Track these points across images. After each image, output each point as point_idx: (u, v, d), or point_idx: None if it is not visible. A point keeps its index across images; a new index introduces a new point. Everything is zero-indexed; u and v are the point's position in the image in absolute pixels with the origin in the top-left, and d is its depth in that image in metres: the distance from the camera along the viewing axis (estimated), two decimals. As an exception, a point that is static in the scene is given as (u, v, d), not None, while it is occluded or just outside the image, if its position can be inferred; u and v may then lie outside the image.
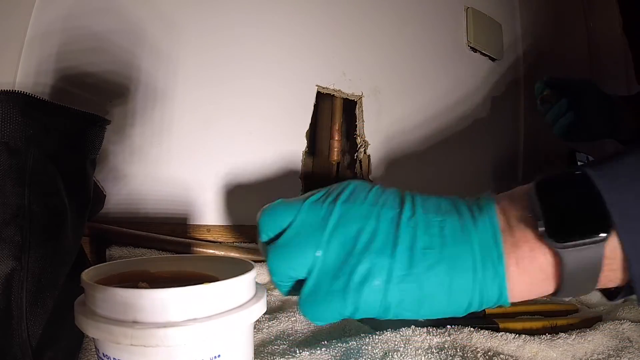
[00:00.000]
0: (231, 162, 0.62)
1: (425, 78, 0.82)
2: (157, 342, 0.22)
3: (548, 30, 1.05)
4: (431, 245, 0.26)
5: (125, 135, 0.55)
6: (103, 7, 0.53)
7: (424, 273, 0.25)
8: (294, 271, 0.27)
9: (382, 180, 0.76)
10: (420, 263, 0.25)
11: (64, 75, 0.50)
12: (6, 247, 0.31)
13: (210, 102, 0.60)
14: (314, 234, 0.27)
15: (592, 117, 0.72)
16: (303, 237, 0.27)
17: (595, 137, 0.74)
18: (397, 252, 0.26)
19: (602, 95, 0.73)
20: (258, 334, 0.41)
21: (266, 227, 0.29)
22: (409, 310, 0.26)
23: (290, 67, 0.67)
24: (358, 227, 0.26)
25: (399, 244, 0.26)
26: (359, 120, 0.74)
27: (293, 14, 0.68)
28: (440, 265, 0.25)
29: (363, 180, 0.34)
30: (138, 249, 0.52)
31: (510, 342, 0.40)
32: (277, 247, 0.27)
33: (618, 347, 0.41)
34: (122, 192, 0.54)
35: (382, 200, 0.28)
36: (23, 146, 0.34)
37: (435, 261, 0.25)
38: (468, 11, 0.88)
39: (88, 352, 0.36)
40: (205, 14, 0.60)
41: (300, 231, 0.27)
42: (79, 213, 0.39)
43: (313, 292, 0.27)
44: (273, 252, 0.27)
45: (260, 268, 0.58)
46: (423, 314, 0.26)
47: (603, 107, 0.73)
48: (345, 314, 0.26)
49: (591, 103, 0.72)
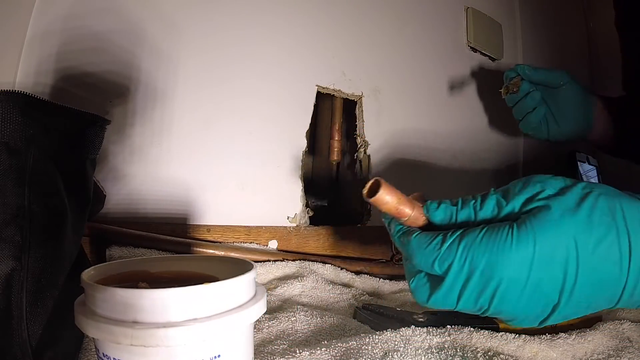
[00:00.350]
0: (231, 162, 0.62)
1: (425, 78, 0.82)
2: (157, 342, 0.22)
3: (548, 31, 1.05)
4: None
5: (125, 135, 0.55)
6: (103, 7, 0.53)
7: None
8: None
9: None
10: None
11: (64, 75, 0.50)
12: (6, 247, 0.31)
13: (210, 102, 0.60)
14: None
15: (566, 114, 0.66)
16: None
17: (565, 137, 0.69)
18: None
19: (581, 90, 0.68)
20: (258, 334, 0.41)
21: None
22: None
23: (290, 67, 0.67)
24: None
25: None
26: (359, 120, 0.74)
27: (293, 14, 0.68)
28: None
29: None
30: (138, 249, 0.52)
31: (510, 342, 0.40)
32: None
33: (618, 347, 0.41)
34: (122, 192, 0.54)
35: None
36: (23, 146, 0.34)
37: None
38: (468, 11, 0.88)
39: (88, 352, 0.36)
40: (205, 15, 0.60)
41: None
42: (79, 213, 0.39)
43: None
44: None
45: (261, 268, 0.58)
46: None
47: (579, 105, 0.67)
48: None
49: (567, 99, 0.66)
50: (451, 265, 0.32)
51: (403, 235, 0.36)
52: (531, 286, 0.31)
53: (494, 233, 0.31)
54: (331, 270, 0.62)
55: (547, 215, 0.31)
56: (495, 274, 0.31)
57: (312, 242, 0.68)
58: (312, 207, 0.72)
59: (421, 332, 0.41)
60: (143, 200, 0.56)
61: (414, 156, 0.80)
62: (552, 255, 0.30)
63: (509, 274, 0.31)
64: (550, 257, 0.31)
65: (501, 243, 0.31)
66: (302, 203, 0.68)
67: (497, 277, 0.31)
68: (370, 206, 0.74)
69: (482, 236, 0.31)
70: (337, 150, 0.75)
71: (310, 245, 0.67)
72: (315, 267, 0.61)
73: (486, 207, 0.34)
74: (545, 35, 1.04)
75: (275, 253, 0.63)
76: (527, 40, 0.99)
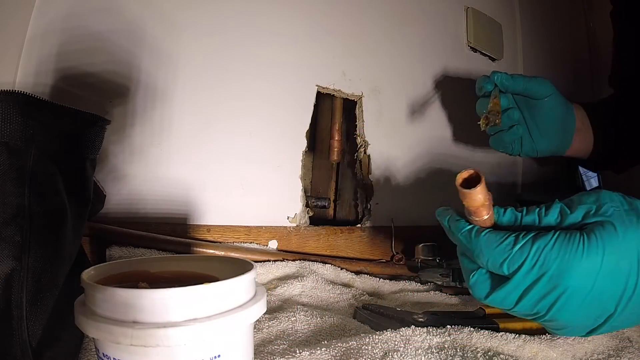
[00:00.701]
0: (231, 162, 0.62)
1: (425, 78, 0.82)
2: (157, 342, 0.22)
3: (548, 31, 1.05)
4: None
5: (125, 135, 0.55)
6: (103, 7, 0.53)
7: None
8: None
9: (382, 180, 0.76)
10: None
11: (64, 75, 0.50)
12: (6, 247, 0.31)
13: (210, 102, 0.60)
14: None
15: (546, 131, 0.59)
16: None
17: (539, 155, 0.63)
18: None
19: (564, 103, 0.60)
20: (258, 334, 0.41)
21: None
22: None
23: (290, 68, 0.67)
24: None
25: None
26: (359, 120, 0.74)
27: (293, 14, 0.68)
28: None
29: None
30: (138, 249, 0.52)
31: (510, 342, 0.40)
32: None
33: (618, 347, 0.41)
34: (122, 192, 0.54)
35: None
36: (23, 146, 0.34)
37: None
38: (468, 11, 0.88)
39: (88, 352, 0.36)
40: (205, 15, 0.60)
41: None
42: (79, 213, 0.39)
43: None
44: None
45: (261, 268, 0.58)
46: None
47: (562, 119, 0.60)
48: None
49: (549, 113, 0.58)
50: (521, 266, 0.32)
51: (470, 232, 0.36)
52: (593, 296, 0.32)
53: (565, 239, 0.32)
54: (331, 270, 0.62)
55: (614, 228, 0.32)
56: (563, 281, 0.31)
57: (312, 242, 0.68)
58: (312, 207, 0.72)
59: (421, 332, 0.41)
60: (143, 200, 0.56)
61: (414, 156, 0.80)
62: (617, 267, 0.31)
63: (575, 283, 0.31)
64: (615, 268, 0.31)
65: (573, 251, 0.31)
66: (302, 203, 0.68)
67: (563, 285, 0.32)
68: (371, 207, 0.74)
69: (554, 241, 0.32)
70: (337, 150, 0.75)
71: (310, 245, 0.67)
72: (315, 267, 0.61)
73: (550, 215, 0.35)
74: (545, 35, 1.04)
75: (275, 253, 0.63)
76: (527, 40, 0.99)
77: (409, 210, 0.78)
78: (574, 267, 0.31)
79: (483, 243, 0.34)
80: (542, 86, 0.58)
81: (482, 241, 0.34)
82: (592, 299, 0.32)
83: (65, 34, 0.51)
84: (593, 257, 0.31)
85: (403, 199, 0.78)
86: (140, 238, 0.53)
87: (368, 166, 0.74)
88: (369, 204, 0.74)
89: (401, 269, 0.71)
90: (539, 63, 1.02)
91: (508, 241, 0.33)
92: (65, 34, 0.51)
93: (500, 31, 0.94)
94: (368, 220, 0.74)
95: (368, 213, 0.74)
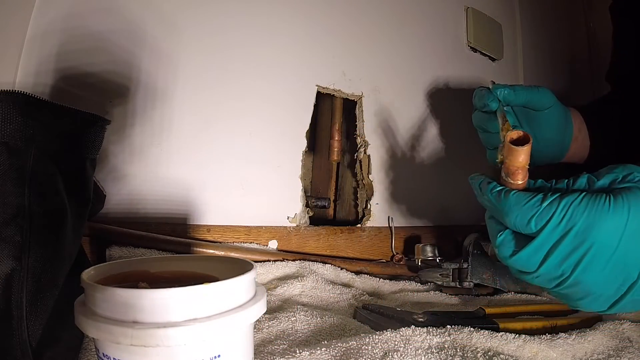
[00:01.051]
0: (231, 162, 0.62)
1: (425, 78, 0.82)
2: (157, 342, 0.22)
3: (548, 31, 1.05)
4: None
5: (125, 135, 0.55)
6: (103, 7, 0.53)
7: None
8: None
9: (382, 180, 0.76)
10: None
11: (64, 75, 0.50)
12: (6, 247, 0.31)
13: (210, 101, 0.60)
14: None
15: (545, 142, 0.57)
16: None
17: (536, 164, 0.57)
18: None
19: (563, 112, 0.58)
20: (258, 334, 0.41)
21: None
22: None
23: (290, 67, 0.67)
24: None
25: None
26: (359, 120, 0.74)
27: (293, 14, 0.68)
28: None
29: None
30: (138, 249, 0.52)
31: (510, 342, 0.40)
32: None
33: (618, 347, 0.41)
34: (122, 192, 0.54)
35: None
36: (23, 146, 0.34)
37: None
38: (468, 11, 0.88)
39: (88, 352, 0.36)
40: (205, 15, 0.60)
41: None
42: (79, 213, 0.39)
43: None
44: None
45: (261, 268, 0.58)
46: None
47: (562, 129, 0.58)
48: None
49: (549, 124, 0.56)
50: (548, 221, 0.33)
51: (500, 192, 0.37)
52: (618, 256, 0.32)
53: (592, 198, 0.33)
54: (331, 270, 0.62)
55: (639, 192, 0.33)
56: (590, 236, 0.32)
57: (312, 242, 0.68)
58: (312, 207, 0.72)
59: (421, 332, 0.41)
60: (143, 200, 0.56)
61: (414, 156, 0.80)
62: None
63: (601, 238, 0.32)
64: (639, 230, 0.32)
65: (599, 206, 0.32)
66: (302, 203, 0.68)
67: (590, 240, 0.32)
68: (371, 206, 0.74)
69: (581, 198, 0.33)
70: (337, 150, 0.75)
71: (310, 245, 0.67)
72: (315, 267, 0.61)
73: (579, 183, 0.36)
74: (545, 35, 1.04)
75: (275, 253, 0.63)
76: (527, 40, 0.99)
77: (409, 210, 0.78)
78: (601, 223, 0.32)
79: (512, 201, 0.35)
80: (543, 98, 0.56)
81: (512, 199, 0.35)
82: (617, 259, 0.33)
83: (65, 34, 0.51)
84: (619, 215, 0.32)
85: (403, 199, 0.78)
86: (140, 238, 0.53)
87: (368, 166, 0.74)
88: (369, 204, 0.74)
89: (401, 269, 0.71)
90: (539, 63, 1.02)
91: (537, 198, 0.34)
92: (65, 34, 0.51)
93: (500, 31, 0.94)
94: (368, 220, 0.74)
95: (368, 213, 0.74)
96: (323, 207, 0.77)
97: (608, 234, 0.32)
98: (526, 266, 0.36)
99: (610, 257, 0.33)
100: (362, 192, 0.76)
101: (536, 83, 1.01)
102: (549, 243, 0.34)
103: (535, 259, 0.35)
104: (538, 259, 0.35)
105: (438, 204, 0.82)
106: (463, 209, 0.84)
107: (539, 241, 0.34)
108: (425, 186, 0.80)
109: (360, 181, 0.76)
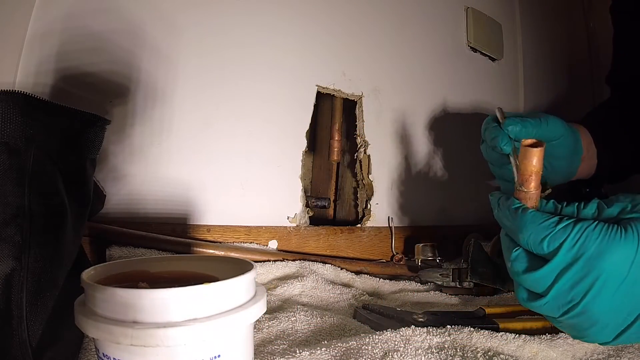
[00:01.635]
0: (231, 162, 0.62)
1: (425, 78, 0.82)
2: (157, 342, 0.22)
3: (548, 31, 1.05)
4: None
5: (125, 135, 0.55)
6: (103, 7, 0.53)
7: None
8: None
9: (382, 180, 0.76)
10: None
11: (64, 75, 0.50)
12: (6, 247, 0.31)
13: (210, 102, 0.60)
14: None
15: (554, 169, 0.56)
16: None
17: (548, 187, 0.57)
18: None
19: (572, 138, 0.56)
20: (258, 334, 0.41)
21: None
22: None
23: (290, 68, 0.67)
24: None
25: None
26: (359, 120, 0.74)
27: (293, 14, 0.68)
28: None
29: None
30: (138, 249, 0.52)
31: (510, 342, 0.40)
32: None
33: (618, 347, 0.41)
34: (122, 192, 0.54)
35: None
36: (23, 146, 0.34)
37: None
38: (468, 11, 0.88)
39: (88, 352, 0.36)
40: (205, 15, 0.60)
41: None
42: (79, 213, 0.39)
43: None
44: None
45: (261, 268, 0.58)
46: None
47: (571, 156, 0.57)
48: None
49: (558, 153, 0.55)
50: (561, 245, 0.34)
51: (517, 209, 0.38)
52: (627, 285, 0.33)
53: (605, 226, 0.34)
54: (331, 270, 0.62)
55: None
56: (600, 264, 0.33)
57: (312, 242, 0.68)
58: (312, 207, 0.72)
59: (421, 332, 0.41)
60: (143, 200, 0.56)
61: (414, 156, 0.80)
62: None
63: (611, 267, 0.33)
64: None
65: (612, 235, 0.33)
66: (302, 203, 0.68)
67: (600, 268, 0.33)
68: (371, 206, 0.74)
69: (595, 225, 0.34)
70: (337, 150, 0.75)
71: (310, 245, 0.67)
72: (315, 267, 0.61)
73: (589, 208, 0.37)
74: (545, 35, 1.04)
75: (275, 253, 0.63)
76: (527, 40, 0.99)
77: (408, 210, 0.78)
78: (612, 252, 0.33)
79: (529, 218, 0.36)
80: (553, 131, 0.53)
81: (528, 217, 0.36)
82: (625, 288, 0.33)
83: (65, 34, 0.51)
84: (630, 244, 0.33)
85: (403, 199, 0.78)
86: (140, 238, 0.53)
87: (368, 166, 0.74)
88: (369, 204, 0.74)
89: (401, 269, 0.71)
90: (539, 63, 1.02)
91: (553, 220, 0.35)
92: (65, 34, 0.51)
93: (500, 31, 0.94)
94: (368, 220, 0.74)
95: (368, 213, 0.74)
96: (323, 207, 0.77)
97: (618, 263, 0.33)
98: (537, 286, 0.36)
99: (619, 286, 0.33)
100: (362, 192, 0.76)
101: (536, 83, 1.01)
102: (560, 267, 0.34)
103: (545, 281, 0.35)
104: (548, 281, 0.35)
105: (438, 204, 0.82)
106: (463, 209, 0.84)
107: (551, 265, 0.35)
108: (425, 186, 0.80)
109: (360, 181, 0.76)
